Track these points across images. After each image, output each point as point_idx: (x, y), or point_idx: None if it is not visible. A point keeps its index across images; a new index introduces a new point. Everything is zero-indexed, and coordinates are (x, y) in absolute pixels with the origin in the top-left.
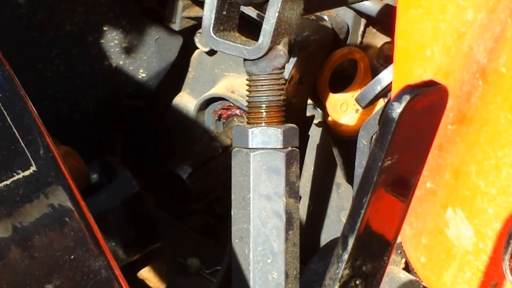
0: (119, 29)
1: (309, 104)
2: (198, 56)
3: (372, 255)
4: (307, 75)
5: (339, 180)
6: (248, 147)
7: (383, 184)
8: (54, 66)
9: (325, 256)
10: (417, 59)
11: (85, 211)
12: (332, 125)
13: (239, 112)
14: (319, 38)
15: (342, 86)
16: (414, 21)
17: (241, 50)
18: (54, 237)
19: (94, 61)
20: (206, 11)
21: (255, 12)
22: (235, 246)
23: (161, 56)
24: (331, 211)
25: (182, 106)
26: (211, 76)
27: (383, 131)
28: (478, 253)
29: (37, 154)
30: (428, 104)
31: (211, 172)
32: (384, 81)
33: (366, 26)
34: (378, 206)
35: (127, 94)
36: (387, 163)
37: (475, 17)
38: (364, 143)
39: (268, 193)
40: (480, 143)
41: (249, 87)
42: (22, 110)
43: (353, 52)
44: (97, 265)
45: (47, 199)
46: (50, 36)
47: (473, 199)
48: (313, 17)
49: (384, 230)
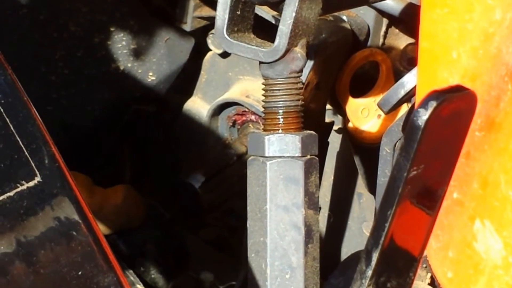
0: (126, 30)
1: (329, 109)
2: (211, 59)
3: (397, 271)
4: (325, 79)
5: (361, 190)
6: (264, 156)
7: (409, 195)
8: (58, 69)
9: (346, 270)
10: (443, 61)
11: (93, 224)
12: (353, 132)
13: (254, 118)
14: (337, 40)
15: (363, 90)
16: (439, 21)
17: (257, 53)
18: (60, 252)
19: (100, 64)
20: (219, 11)
21: (269, 14)
22: (251, 261)
23: (171, 59)
24: (352, 223)
25: (194, 111)
26: (225, 80)
27: (408, 139)
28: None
29: (42, 164)
30: (456, 110)
31: (224, 181)
32: (408, 85)
33: (388, 26)
34: (403, 219)
35: (135, 99)
36: (412, 174)
37: (504, 17)
38: (387, 150)
39: (286, 204)
40: (510, 151)
41: (265, 91)
42: (26, 117)
43: (375, 54)
44: (106, 282)
45: (52, 212)
46: (54, 37)
47: (503, 210)
48: (331, 18)
49: (410, 244)
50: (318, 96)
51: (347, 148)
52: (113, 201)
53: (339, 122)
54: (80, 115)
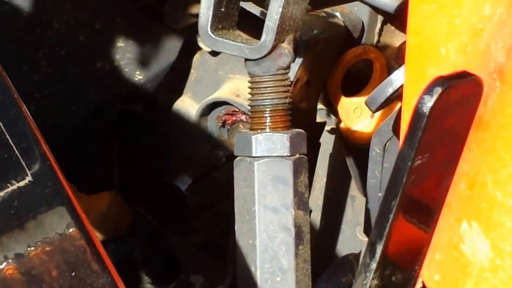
0: (113, 28)
1: (320, 109)
2: (201, 57)
3: (403, 264)
4: (315, 76)
5: (354, 192)
6: (251, 156)
7: (413, 185)
8: (41, 68)
9: (335, 274)
10: (431, 58)
11: (86, 225)
12: (345, 132)
13: (245, 118)
14: (329, 36)
15: (356, 89)
16: (427, 17)
17: (242, 49)
18: (52, 253)
19: (85, 63)
20: (203, 8)
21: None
22: (240, 264)
23: (160, 57)
24: (346, 226)
25: (183, 111)
26: (215, 79)
27: (413, 127)
28: (496, 270)
29: (33, 163)
30: (461, 97)
31: (213, 183)
32: (396, 83)
33: (384, 23)
34: (408, 209)
35: (122, 98)
36: (417, 163)
37: (493, 12)
38: (377, 151)
39: (275, 205)
40: (497, 150)
41: (251, 89)
42: (16, 115)
43: (368, 52)
44: (100, 283)
45: (44, 212)
46: (37, 35)
47: (490, 212)
48: (323, 13)
49: (415, 235)
50: (309, 94)
51: (339, 149)
52: (97, 208)
53: (331, 122)
54: (64, 116)
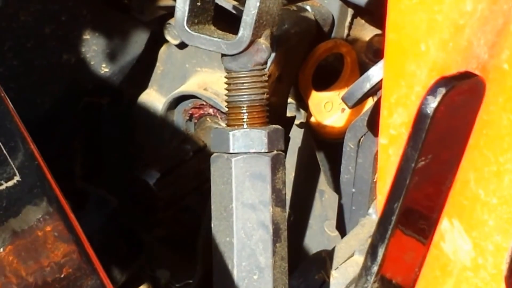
0: (79, 20)
1: (290, 103)
2: (167, 50)
3: (403, 267)
4: (287, 71)
5: (323, 187)
6: (229, 152)
7: (416, 188)
8: (7, 61)
9: (308, 271)
10: (410, 54)
11: (75, 224)
12: (315, 127)
13: (212, 111)
14: (300, 31)
15: (326, 83)
16: (407, 12)
17: (219, 45)
18: (41, 253)
19: (51, 55)
20: (179, 2)
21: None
22: (217, 262)
23: (126, 50)
24: (314, 221)
25: (149, 104)
26: (182, 72)
27: (416, 128)
28: (477, 269)
29: (21, 163)
30: (465, 98)
31: (181, 178)
32: (373, 79)
33: (354, 17)
34: (410, 212)
35: (88, 91)
36: (420, 164)
37: (475, 8)
38: (351, 146)
39: (253, 202)
40: (480, 147)
41: (228, 85)
42: (3, 114)
43: (339, 46)
44: (89, 284)
45: (33, 212)
46: (2, 27)
47: (472, 210)
48: (294, 7)
49: (416, 238)
50: (280, 89)
51: (309, 144)
52: None
53: (301, 116)
54: (29, 109)
